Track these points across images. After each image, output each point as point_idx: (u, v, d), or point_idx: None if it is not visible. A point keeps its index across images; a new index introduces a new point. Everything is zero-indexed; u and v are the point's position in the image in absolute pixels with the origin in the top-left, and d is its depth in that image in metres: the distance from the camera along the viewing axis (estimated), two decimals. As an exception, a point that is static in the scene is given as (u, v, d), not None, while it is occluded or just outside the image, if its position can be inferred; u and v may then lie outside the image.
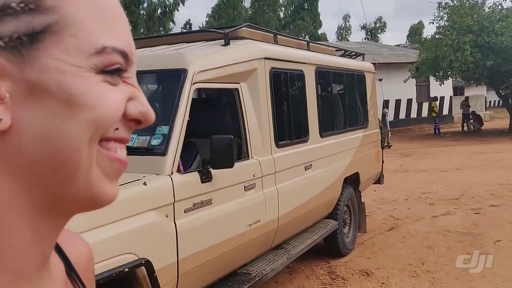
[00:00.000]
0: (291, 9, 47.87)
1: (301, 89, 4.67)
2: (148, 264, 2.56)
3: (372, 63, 6.78)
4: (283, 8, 47.81)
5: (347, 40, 51.23)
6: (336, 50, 6.16)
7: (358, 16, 78.67)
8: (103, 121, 0.42)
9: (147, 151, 3.06)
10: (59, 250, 0.54)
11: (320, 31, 49.44)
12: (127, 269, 2.43)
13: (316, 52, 5.25)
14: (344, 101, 5.76)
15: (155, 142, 3.09)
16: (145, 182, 2.77)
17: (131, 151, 3.06)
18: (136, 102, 0.45)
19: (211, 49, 3.76)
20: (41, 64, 0.40)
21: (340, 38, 53.99)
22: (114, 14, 0.44)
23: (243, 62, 3.80)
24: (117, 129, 0.43)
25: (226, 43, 3.80)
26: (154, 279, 2.61)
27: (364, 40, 45.78)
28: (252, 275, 3.67)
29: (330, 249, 5.37)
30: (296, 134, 4.47)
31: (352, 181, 5.74)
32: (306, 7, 47.04)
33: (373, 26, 55.96)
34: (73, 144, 0.41)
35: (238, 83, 3.77)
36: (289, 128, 4.36)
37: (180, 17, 56.87)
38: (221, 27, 4.76)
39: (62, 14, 0.40)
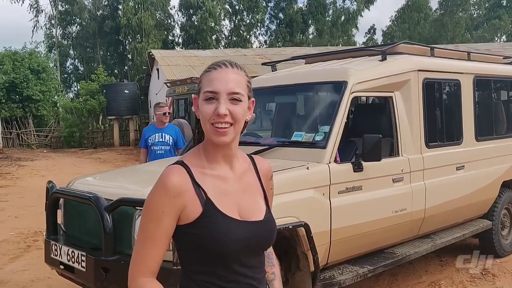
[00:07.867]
0: (486, 7, 44.37)
1: (456, 96, 5.10)
2: (306, 226, 3.47)
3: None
4: (476, 7, 44.60)
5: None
6: (504, 58, 6.29)
7: None
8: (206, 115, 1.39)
9: (312, 145, 3.99)
10: (253, 160, 1.53)
11: (520, 29, 44.72)
12: (291, 227, 3.39)
13: (477, 61, 5.57)
14: (508, 107, 5.92)
15: (318, 138, 4.00)
16: (308, 167, 3.70)
17: (300, 144, 4.05)
18: (217, 109, 1.35)
19: (369, 64, 4.53)
20: (201, 96, 1.42)
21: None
22: (213, 79, 1.38)
23: (397, 74, 4.47)
24: (214, 119, 1.36)
25: (383, 58, 4.52)
26: (311, 239, 3.51)
27: None
28: (397, 254, 4.34)
29: (484, 248, 5.62)
30: (448, 137, 4.94)
31: (515, 185, 5.87)
32: (504, 4, 43.13)
33: None
34: (204, 119, 1.39)
35: (393, 92, 4.46)
36: (440, 131, 4.86)
37: (364, 21, 56.82)
38: (383, 44, 5.51)
39: (202, 84, 1.41)
